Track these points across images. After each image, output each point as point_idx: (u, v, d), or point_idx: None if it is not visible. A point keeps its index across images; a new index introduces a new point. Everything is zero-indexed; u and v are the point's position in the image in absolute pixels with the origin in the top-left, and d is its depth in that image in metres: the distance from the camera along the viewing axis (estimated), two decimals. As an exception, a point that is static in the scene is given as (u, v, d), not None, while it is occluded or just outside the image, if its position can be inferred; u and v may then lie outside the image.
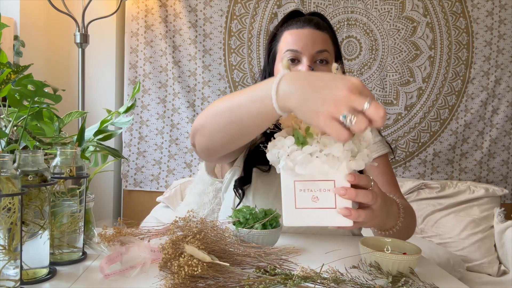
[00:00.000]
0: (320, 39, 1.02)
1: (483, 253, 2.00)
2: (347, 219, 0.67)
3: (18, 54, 1.94)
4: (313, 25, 1.04)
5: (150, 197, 2.43)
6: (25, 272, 0.68)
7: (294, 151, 0.65)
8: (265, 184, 1.06)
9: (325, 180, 0.66)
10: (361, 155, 0.66)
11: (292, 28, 1.05)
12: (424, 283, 0.70)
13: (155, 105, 2.44)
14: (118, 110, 0.95)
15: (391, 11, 2.39)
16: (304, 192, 0.67)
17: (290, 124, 0.68)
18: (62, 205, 0.77)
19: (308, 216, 0.67)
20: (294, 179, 0.67)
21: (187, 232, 0.73)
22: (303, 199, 0.67)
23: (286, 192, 0.68)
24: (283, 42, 1.06)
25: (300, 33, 1.02)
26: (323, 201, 0.67)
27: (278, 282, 0.66)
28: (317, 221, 0.68)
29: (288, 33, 1.05)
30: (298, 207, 0.68)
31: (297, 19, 1.07)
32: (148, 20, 2.40)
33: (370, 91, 0.59)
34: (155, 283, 0.68)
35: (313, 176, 0.66)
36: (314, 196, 0.67)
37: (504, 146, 2.45)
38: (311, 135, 0.65)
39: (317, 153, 0.64)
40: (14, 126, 0.80)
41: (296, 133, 0.66)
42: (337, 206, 0.66)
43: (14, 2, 1.99)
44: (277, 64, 1.08)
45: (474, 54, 2.41)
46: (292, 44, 1.02)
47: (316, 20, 1.07)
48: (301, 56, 1.01)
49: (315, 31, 1.03)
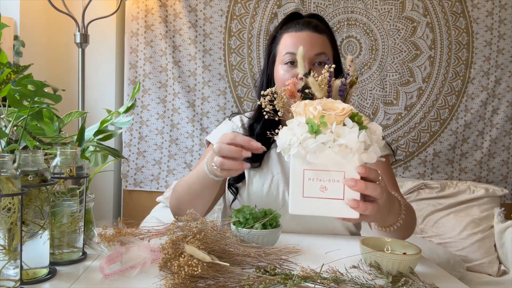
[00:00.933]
0: (318, 42, 1.04)
1: (483, 253, 2.00)
2: (354, 211, 0.66)
3: (18, 54, 1.94)
4: (312, 27, 1.05)
5: (150, 197, 2.43)
6: (25, 272, 0.68)
7: (307, 139, 0.64)
8: (258, 179, 1.09)
9: (335, 171, 0.66)
10: (374, 148, 0.66)
11: (291, 31, 1.07)
12: (424, 283, 0.70)
13: (155, 105, 2.44)
14: (118, 110, 0.95)
15: (391, 11, 2.40)
16: (313, 181, 0.67)
17: (303, 112, 0.68)
18: (62, 205, 0.77)
19: (315, 206, 0.67)
20: (304, 167, 0.66)
21: (187, 232, 0.73)
22: (311, 188, 0.67)
23: (294, 180, 0.67)
24: (283, 45, 1.08)
25: (299, 36, 1.04)
26: (331, 191, 0.66)
27: (278, 282, 0.66)
28: (323, 211, 0.68)
29: (288, 36, 1.07)
30: (306, 196, 0.67)
31: (296, 22, 1.09)
32: (148, 20, 2.40)
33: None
34: (155, 283, 0.68)
35: (324, 166, 0.66)
36: (323, 186, 0.67)
37: (504, 146, 2.45)
38: (325, 125, 0.64)
39: (330, 142, 0.64)
40: (14, 126, 0.80)
41: (310, 121, 0.65)
42: (345, 198, 0.66)
43: (14, 2, 1.99)
44: (277, 66, 1.09)
45: (474, 54, 2.41)
46: (291, 47, 1.04)
47: (315, 22, 1.08)
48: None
49: (313, 33, 1.05)
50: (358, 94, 2.43)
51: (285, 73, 1.04)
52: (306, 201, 0.67)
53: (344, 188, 0.66)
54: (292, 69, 1.04)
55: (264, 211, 0.89)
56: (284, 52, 1.06)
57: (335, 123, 0.64)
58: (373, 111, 2.44)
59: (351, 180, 0.65)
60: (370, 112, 2.43)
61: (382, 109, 2.44)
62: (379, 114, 2.44)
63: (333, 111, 0.65)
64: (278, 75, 1.07)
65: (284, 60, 1.06)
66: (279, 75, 1.07)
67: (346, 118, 0.65)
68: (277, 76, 1.08)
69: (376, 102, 2.44)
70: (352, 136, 0.63)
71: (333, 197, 0.67)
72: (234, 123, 1.18)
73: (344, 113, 0.65)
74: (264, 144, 0.93)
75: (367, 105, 2.44)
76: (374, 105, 2.44)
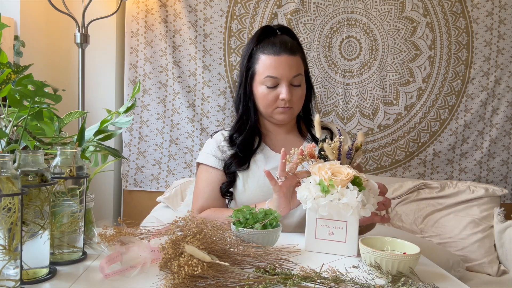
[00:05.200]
0: (294, 64, 1.17)
1: (483, 253, 2.00)
2: (354, 250, 0.88)
3: (18, 54, 1.94)
4: (288, 50, 1.16)
5: (150, 197, 2.43)
6: (25, 272, 0.68)
7: (319, 197, 0.87)
8: (252, 178, 1.20)
9: (340, 221, 0.88)
10: (369, 206, 0.88)
11: (270, 54, 1.17)
12: (424, 283, 0.70)
13: (155, 105, 2.44)
14: (118, 110, 0.95)
15: (391, 11, 2.40)
16: (323, 227, 0.90)
17: (317, 173, 0.90)
18: (62, 205, 0.77)
19: (324, 245, 0.90)
20: (316, 216, 0.90)
21: (187, 232, 0.74)
22: (321, 232, 0.90)
23: (309, 225, 0.91)
24: (262, 66, 1.18)
25: (277, 60, 1.16)
26: (336, 235, 0.89)
27: (278, 282, 0.66)
28: (330, 250, 0.90)
29: (267, 58, 1.17)
30: (317, 238, 0.91)
31: (273, 42, 1.18)
32: (148, 20, 2.40)
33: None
34: (155, 283, 0.68)
35: (331, 216, 0.89)
36: (330, 231, 0.89)
37: (504, 146, 2.45)
38: (333, 187, 0.87)
39: (336, 201, 0.86)
40: (14, 126, 0.80)
41: (322, 183, 0.88)
42: (346, 241, 0.88)
43: (14, 2, 1.99)
44: (257, 84, 1.20)
45: (474, 54, 2.41)
46: (272, 71, 1.16)
47: (290, 43, 1.18)
48: (280, 81, 1.16)
49: (289, 57, 1.16)
50: (358, 94, 2.43)
51: (268, 94, 1.17)
52: (318, 241, 0.91)
53: (346, 233, 0.88)
54: (273, 91, 1.17)
55: (264, 211, 0.90)
56: (265, 75, 1.16)
57: (340, 186, 0.86)
58: (373, 111, 2.44)
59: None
60: (370, 112, 2.43)
61: (382, 109, 2.44)
62: (379, 114, 2.44)
63: (340, 175, 0.88)
64: (260, 95, 1.19)
65: (264, 82, 1.17)
66: (262, 95, 1.19)
67: (348, 182, 0.87)
68: (259, 95, 1.19)
69: (376, 102, 2.44)
70: (353, 197, 0.85)
71: (337, 240, 0.89)
72: (216, 140, 1.27)
73: (347, 178, 0.87)
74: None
75: (367, 105, 2.44)
76: (374, 105, 2.44)
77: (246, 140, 1.22)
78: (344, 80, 2.43)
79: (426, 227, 2.13)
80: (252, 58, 1.21)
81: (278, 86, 1.16)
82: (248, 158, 1.22)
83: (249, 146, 1.23)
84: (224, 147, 1.24)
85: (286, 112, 1.18)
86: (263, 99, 1.18)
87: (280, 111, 1.18)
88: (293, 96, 1.17)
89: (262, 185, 1.17)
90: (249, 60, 1.22)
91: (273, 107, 1.18)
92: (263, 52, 1.18)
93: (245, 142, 1.22)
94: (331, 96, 2.44)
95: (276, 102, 1.17)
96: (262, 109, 1.21)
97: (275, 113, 1.19)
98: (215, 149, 1.24)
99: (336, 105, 2.44)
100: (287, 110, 1.18)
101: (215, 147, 1.25)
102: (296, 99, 1.18)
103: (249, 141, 1.23)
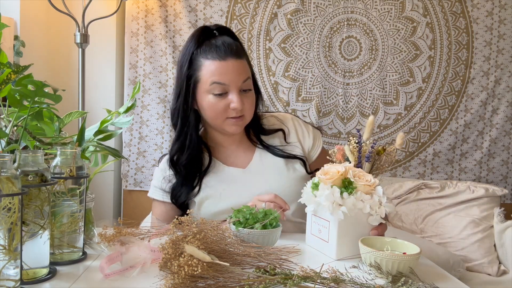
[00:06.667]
0: (242, 69, 1.07)
1: (483, 253, 2.00)
2: (333, 252, 0.87)
3: (18, 54, 1.94)
4: (234, 54, 1.06)
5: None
6: (25, 272, 0.68)
7: (309, 192, 0.91)
8: (201, 203, 1.12)
9: (324, 219, 0.89)
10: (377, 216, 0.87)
11: (214, 58, 1.05)
12: (424, 283, 0.70)
13: (155, 105, 2.44)
14: (118, 110, 0.95)
15: (391, 11, 2.40)
16: (315, 224, 0.93)
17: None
18: (62, 205, 0.77)
19: (315, 242, 0.93)
20: (312, 213, 0.93)
21: (187, 232, 0.74)
22: (314, 228, 0.93)
23: (308, 221, 0.96)
24: (207, 72, 1.05)
25: (224, 65, 1.05)
26: (323, 234, 0.90)
27: (278, 282, 0.66)
28: (318, 247, 0.92)
29: (211, 63, 1.05)
30: (312, 233, 0.94)
31: (215, 45, 1.06)
32: (148, 20, 2.40)
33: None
34: (155, 283, 0.68)
35: (317, 213, 0.92)
36: (319, 229, 0.91)
37: (504, 146, 2.45)
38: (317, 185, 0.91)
39: (322, 197, 0.87)
40: (14, 126, 0.80)
41: (313, 181, 0.93)
42: (328, 241, 0.88)
43: (14, 2, 1.99)
44: (202, 93, 1.07)
45: (474, 54, 2.41)
46: (219, 77, 1.04)
47: (235, 46, 1.07)
48: (229, 88, 1.05)
49: (236, 61, 1.06)
50: (358, 94, 2.43)
51: (216, 104, 1.06)
52: (312, 237, 0.94)
53: (329, 233, 0.88)
54: (222, 100, 1.06)
55: (264, 211, 0.90)
56: (211, 81, 1.05)
57: (330, 185, 0.88)
58: (373, 111, 2.44)
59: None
60: (370, 112, 2.43)
61: (382, 109, 2.44)
62: (379, 114, 2.44)
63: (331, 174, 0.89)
64: (208, 105, 1.07)
65: (211, 90, 1.05)
66: (209, 104, 1.07)
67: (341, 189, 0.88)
68: (206, 105, 1.08)
69: (376, 102, 2.44)
70: (331, 195, 0.86)
71: (323, 238, 0.90)
72: (162, 168, 1.17)
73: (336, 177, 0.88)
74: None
75: (367, 105, 2.44)
76: (374, 105, 2.44)
77: (193, 160, 1.12)
78: (344, 80, 2.43)
79: (426, 227, 2.13)
80: (192, 65, 1.08)
81: (227, 94, 1.06)
82: (199, 181, 1.11)
83: (196, 166, 1.12)
84: (171, 175, 1.14)
85: (238, 122, 1.08)
86: (211, 110, 1.07)
87: (232, 122, 1.08)
88: (245, 103, 1.07)
89: (221, 207, 1.09)
90: (189, 67, 1.08)
91: (223, 117, 1.07)
92: (206, 58, 1.05)
93: (191, 163, 1.11)
94: (331, 96, 2.44)
95: (227, 111, 1.06)
96: (210, 120, 1.10)
97: (225, 125, 1.08)
98: (161, 181, 1.15)
99: (336, 105, 2.44)
100: (239, 120, 1.08)
101: (160, 179, 1.15)
102: (248, 106, 1.08)
103: (196, 160, 1.13)
